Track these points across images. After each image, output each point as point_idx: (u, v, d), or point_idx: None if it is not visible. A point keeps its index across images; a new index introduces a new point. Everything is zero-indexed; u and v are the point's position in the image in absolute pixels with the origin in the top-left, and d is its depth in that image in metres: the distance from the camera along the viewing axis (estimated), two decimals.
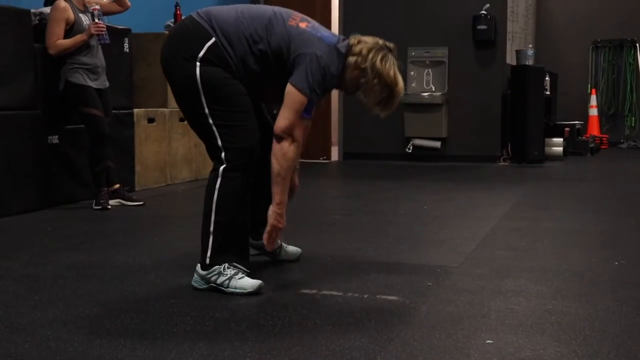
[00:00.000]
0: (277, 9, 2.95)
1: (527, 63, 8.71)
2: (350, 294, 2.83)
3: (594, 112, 10.71)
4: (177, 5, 6.89)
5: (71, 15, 4.98)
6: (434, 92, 8.67)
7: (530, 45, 9.71)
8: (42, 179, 5.03)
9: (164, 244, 3.91)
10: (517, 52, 8.93)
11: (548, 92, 9.15)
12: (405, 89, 8.62)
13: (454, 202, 5.44)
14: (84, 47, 5.03)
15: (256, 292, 2.78)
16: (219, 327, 2.42)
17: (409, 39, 8.75)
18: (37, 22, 5.14)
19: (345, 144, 9.24)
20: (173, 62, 2.87)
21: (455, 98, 8.64)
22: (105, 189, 5.11)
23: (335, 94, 9.29)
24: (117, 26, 5.70)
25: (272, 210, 2.83)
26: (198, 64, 2.79)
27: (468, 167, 8.11)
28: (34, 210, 4.86)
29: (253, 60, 2.83)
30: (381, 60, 2.86)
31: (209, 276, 2.83)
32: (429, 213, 4.95)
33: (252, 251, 3.07)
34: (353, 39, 2.92)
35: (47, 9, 5.21)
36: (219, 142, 2.81)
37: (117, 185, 5.24)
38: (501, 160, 8.61)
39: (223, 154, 2.81)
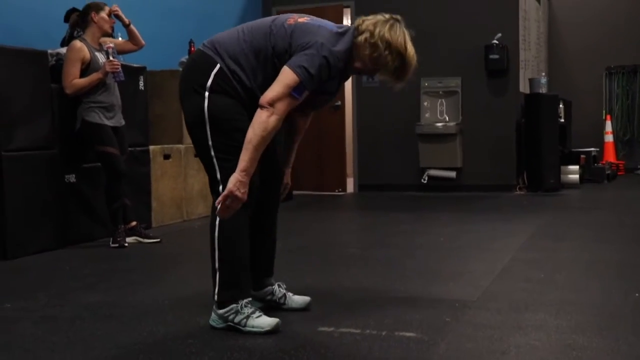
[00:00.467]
0: (275, 16, 2.98)
1: (540, 91, 8.72)
2: (368, 330, 2.81)
3: (609, 138, 10.67)
4: (191, 42, 6.98)
5: (87, 54, 5.05)
6: (448, 122, 8.68)
7: (543, 73, 9.73)
8: (59, 218, 5.07)
9: (181, 282, 3.91)
10: (530, 80, 8.94)
11: (562, 120, 9.13)
12: (419, 120, 8.72)
13: (470, 234, 5.42)
14: (100, 86, 5.09)
15: (273, 331, 2.78)
16: None
17: (421, 69, 8.62)
18: (54, 62, 5.21)
19: (361, 175, 9.25)
20: (185, 94, 2.95)
21: (469, 128, 8.64)
22: (122, 226, 5.14)
23: (349, 126, 9.33)
24: (132, 64, 5.77)
25: (233, 177, 2.69)
26: (207, 94, 2.84)
27: (484, 196, 8.08)
28: (51, 250, 4.89)
29: (264, 72, 2.85)
30: (389, 30, 2.84)
31: (226, 315, 2.83)
32: (446, 245, 4.93)
33: (255, 304, 2.99)
34: (358, 21, 2.93)
35: (64, 50, 5.29)
36: (218, 175, 2.84)
37: (134, 223, 5.26)
38: (517, 189, 8.58)
39: (220, 188, 2.82)
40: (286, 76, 2.74)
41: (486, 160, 8.63)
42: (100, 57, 5.13)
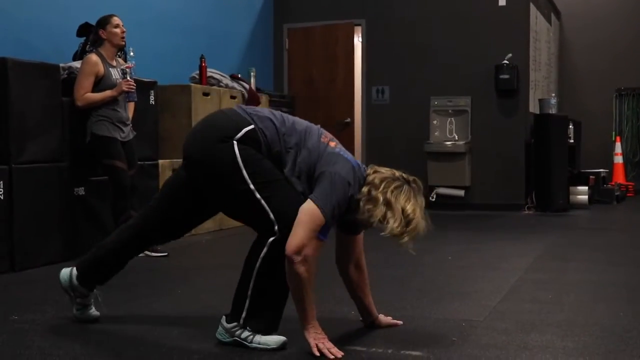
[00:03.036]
0: (311, 124, 2.92)
1: (550, 112, 8.72)
2: (374, 349, 2.81)
3: (619, 159, 10.64)
4: (202, 57, 7.01)
5: (101, 69, 5.09)
6: (457, 140, 8.68)
7: (553, 94, 9.72)
8: (68, 231, 5.09)
9: (187, 297, 3.91)
10: (540, 100, 8.94)
11: (572, 140, 9.12)
12: (429, 138, 8.72)
13: (478, 253, 5.40)
14: (111, 101, 5.12)
15: (280, 349, 2.77)
16: None
17: (431, 88, 8.81)
18: (65, 76, 5.25)
19: None
20: (206, 145, 2.77)
21: (478, 147, 8.64)
22: None
23: (358, 143, 9.34)
24: (143, 79, 5.80)
25: (307, 335, 2.69)
26: (235, 142, 2.73)
27: (492, 215, 8.07)
28: (59, 262, 4.89)
29: (284, 160, 2.78)
30: (393, 190, 2.72)
31: (233, 329, 2.82)
32: (453, 264, 4.92)
33: None
34: (370, 169, 2.83)
35: (76, 64, 5.33)
36: (271, 216, 2.70)
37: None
38: (525, 209, 8.56)
39: (276, 227, 2.70)
40: (310, 216, 2.62)
41: (495, 179, 8.62)
42: (114, 74, 5.16)
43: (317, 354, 2.63)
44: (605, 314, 3.42)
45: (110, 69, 5.15)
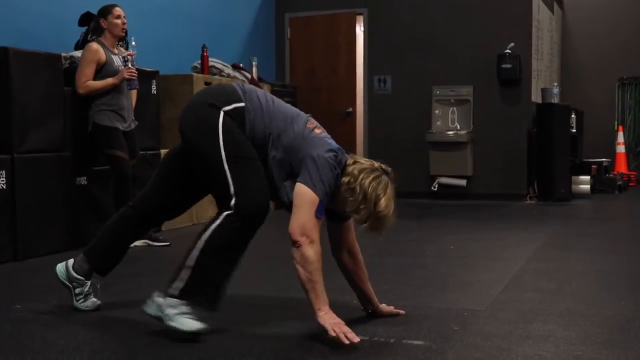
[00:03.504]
0: (301, 112, 2.99)
1: (552, 101, 8.70)
2: (376, 338, 2.81)
3: (621, 149, 10.62)
4: (204, 47, 7.00)
5: (102, 56, 5.08)
6: (459, 130, 8.68)
7: (556, 84, 9.70)
8: (70, 220, 5.10)
9: None
10: (543, 90, 8.92)
11: (574, 130, 9.11)
12: (430, 128, 8.71)
13: (480, 242, 5.41)
14: (112, 89, 5.11)
15: (194, 334, 2.74)
16: None
17: (433, 77, 8.80)
18: (67, 65, 5.24)
19: None
20: (197, 106, 2.90)
21: (480, 136, 8.63)
22: None
23: (360, 133, 9.34)
24: (145, 68, 5.80)
25: (320, 318, 2.67)
26: (222, 113, 2.82)
27: (494, 205, 8.06)
28: (62, 251, 4.90)
29: (266, 144, 2.84)
30: (371, 181, 2.78)
31: (164, 305, 2.79)
32: (455, 254, 4.92)
33: None
34: (350, 159, 2.88)
35: (78, 53, 5.33)
36: (231, 189, 2.75)
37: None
38: (527, 198, 8.56)
39: (233, 201, 2.74)
40: (304, 199, 2.69)
41: (497, 169, 8.61)
42: (116, 61, 5.15)
43: (334, 334, 2.62)
44: (607, 303, 3.42)
45: (112, 56, 5.14)
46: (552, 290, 3.71)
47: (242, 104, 2.85)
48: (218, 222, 2.76)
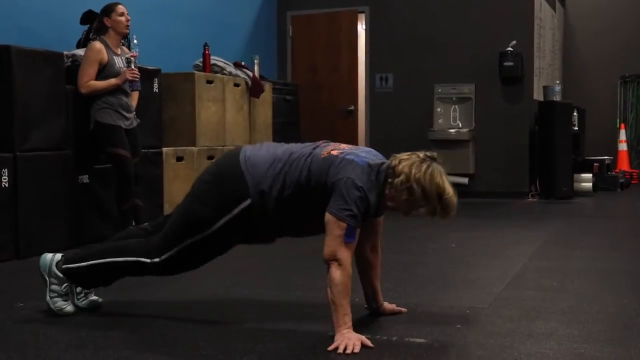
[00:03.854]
0: (312, 146, 3.01)
1: (554, 99, 8.69)
2: (378, 336, 2.81)
3: (623, 147, 10.62)
4: (205, 45, 7.00)
5: (105, 56, 5.08)
6: (461, 128, 8.67)
7: (558, 81, 9.69)
8: (72, 218, 5.10)
9: (191, 284, 3.91)
10: (545, 88, 8.92)
11: (576, 128, 9.10)
12: (432, 126, 8.70)
13: (482, 240, 5.41)
14: (115, 88, 5.11)
15: (60, 314, 3.07)
16: None
17: (435, 75, 8.79)
18: (69, 64, 5.24)
19: None
20: (202, 199, 2.95)
21: (482, 134, 8.63)
22: (132, 227, 5.16)
23: (362, 131, 9.33)
24: (146, 66, 5.79)
25: (342, 337, 2.65)
26: (224, 220, 2.88)
27: (496, 203, 8.06)
28: (64, 249, 4.90)
29: (291, 200, 2.85)
30: (424, 172, 2.75)
31: (58, 279, 3.07)
32: (457, 252, 4.92)
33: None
34: (394, 160, 2.83)
35: (80, 51, 5.33)
36: (162, 257, 2.96)
37: (146, 224, 5.27)
38: (529, 196, 8.55)
39: (157, 259, 2.96)
40: (332, 226, 2.70)
41: (499, 167, 8.61)
42: (118, 62, 5.15)
43: (340, 351, 2.61)
44: (610, 301, 3.42)
45: (114, 56, 5.14)
46: (554, 288, 3.71)
47: (249, 201, 2.85)
48: (140, 259, 3.00)
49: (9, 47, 4.67)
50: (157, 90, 6.06)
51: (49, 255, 3.17)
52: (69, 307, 3.11)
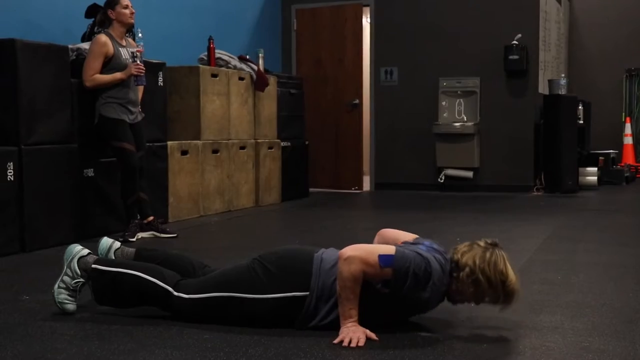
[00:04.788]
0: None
1: (559, 92, 8.67)
2: (382, 330, 2.81)
3: (628, 140, 10.60)
4: (210, 38, 6.99)
5: (110, 49, 5.08)
6: (466, 122, 8.66)
7: (563, 75, 9.67)
8: (77, 212, 5.11)
9: None
10: (550, 81, 8.90)
11: (581, 121, 9.08)
12: (437, 119, 8.70)
13: (487, 234, 5.36)
14: (119, 82, 5.12)
15: (59, 307, 3.04)
16: None
17: (440, 69, 8.78)
18: (74, 57, 5.25)
19: (377, 174, 9.25)
20: (268, 272, 2.85)
21: (487, 128, 8.62)
22: (136, 222, 5.18)
23: (366, 125, 9.32)
24: (151, 60, 5.80)
25: (347, 329, 2.67)
26: (280, 295, 2.79)
27: (501, 197, 8.05)
28: (69, 242, 4.90)
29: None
30: (488, 264, 2.71)
31: (73, 273, 3.01)
32: None
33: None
34: (456, 254, 2.79)
35: (85, 45, 5.33)
36: (190, 294, 2.87)
37: (151, 218, 5.30)
38: (534, 190, 8.54)
39: (194, 297, 2.87)
40: (367, 253, 2.67)
41: (504, 160, 8.60)
42: (124, 53, 5.15)
43: (345, 344, 2.62)
44: (615, 295, 3.42)
45: (119, 48, 5.14)
46: (559, 282, 3.71)
47: (307, 293, 2.78)
48: (161, 284, 2.92)
49: (14, 41, 4.68)
50: (162, 84, 6.07)
51: (77, 247, 3.12)
52: (70, 305, 3.04)
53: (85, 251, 3.11)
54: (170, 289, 2.91)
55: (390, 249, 2.70)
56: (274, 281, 2.81)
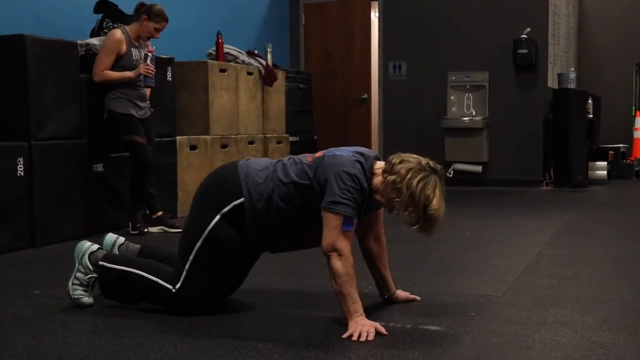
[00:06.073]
0: (298, 157, 2.97)
1: (569, 86, 8.63)
2: (392, 324, 2.81)
3: (638, 134, 10.52)
4: (218, 33, 6.99)
5: (124, 47, 5.08)
6: (475, 116, 8.64)
7: (572, 69, 9.62)
8: (87, 207, 5.13)
9: None
10: (559, 75, 8.85)
11: (591, 115, 9.04)
12: (446, 114, 8.68)
13: (496, 229, 5.39)
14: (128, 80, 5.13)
15: (76, 303, 3.08)
16: (262, 358, 2.43)
17: (449, 63, 8.75)
18: (83, 53, 5.26)
19: None
20: (200, 202, 2.97)
21: (496, 122, 8.59)
22: (142, 213, 5.20)
23: (375, 119, 9.31)
24: (160, 55, 5.80)
25: (354, 324, 2.66)
26: (218, 217, 2.86)
27: (510, 191, 8.04)
28: (79, 237, 4.92)
29: (282, 204, 2.84)
30: (419, 181, 2.69)
31: (86, 269, 3.06)
32: (471, 240, 4.92)
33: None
34: (396, 158, 2.78)
35: (93, 40, 5.35)
36: (179, 282, 2.90)
37: (160, 213, 5.31)
38: (544, 184, 8.52)
39: (176, 286, 2.91)
40: (328, 219, 2.70)
41: (513, 155, 8.57)
42: (135, 53, 5.16)
43: (355, 338, 2.62)
44: (625, 289, 3.41)
45: (132, 48, 5.15)
46: (568, 276, 3.70)
47: (242, 200, 2.85)
48: (163, 293, 2.94)
49: (24, 37, 4.69)
50: (170, 79, 6.08)
51: (86, 244, 3.15)
52: (86, 299, 3.09)
53: (95, 246, 3.14)
54: (168, 285, 2.93)
55: (336, 217, 2.68)
56: (213, 204, 2.88)
